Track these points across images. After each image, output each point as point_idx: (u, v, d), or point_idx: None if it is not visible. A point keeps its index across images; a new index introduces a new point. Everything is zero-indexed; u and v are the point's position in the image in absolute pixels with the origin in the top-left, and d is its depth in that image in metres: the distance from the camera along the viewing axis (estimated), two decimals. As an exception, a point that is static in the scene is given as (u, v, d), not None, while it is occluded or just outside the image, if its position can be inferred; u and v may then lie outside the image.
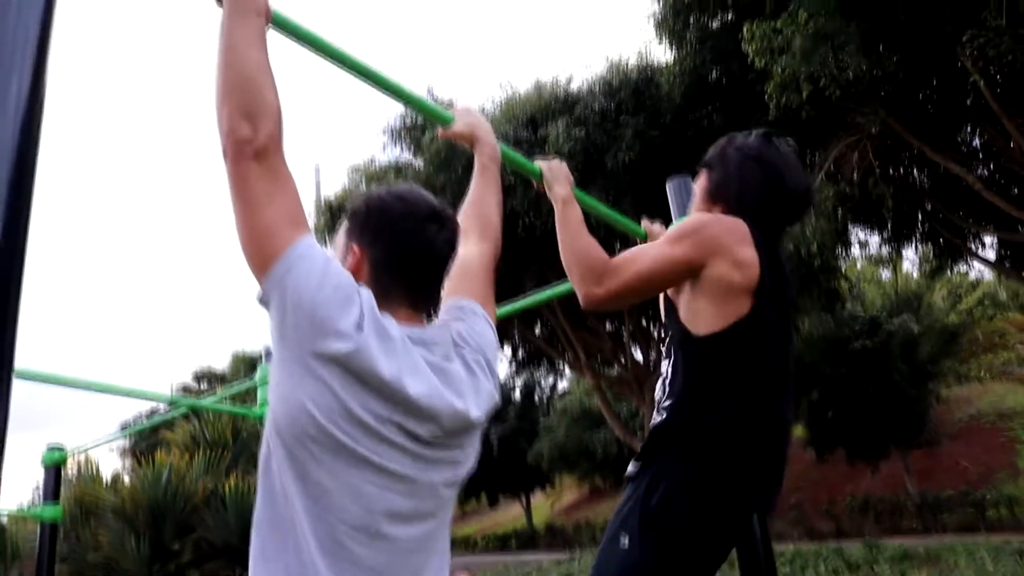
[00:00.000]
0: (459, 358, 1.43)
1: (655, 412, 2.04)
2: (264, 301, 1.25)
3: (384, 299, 1.35)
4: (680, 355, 2.00)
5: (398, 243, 1.41)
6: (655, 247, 1.99)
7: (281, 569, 1.22)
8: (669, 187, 3.11)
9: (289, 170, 1.30)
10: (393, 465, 1.26)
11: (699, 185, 2.19)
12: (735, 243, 1.91)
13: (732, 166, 2.11)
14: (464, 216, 1.82)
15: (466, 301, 1.58)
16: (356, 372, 1.22)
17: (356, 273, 1.38)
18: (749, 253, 1.91)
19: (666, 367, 2.05)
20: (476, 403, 1.41)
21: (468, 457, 1.45)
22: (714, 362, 1.93)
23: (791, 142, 2.19)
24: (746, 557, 2.73)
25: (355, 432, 1.22)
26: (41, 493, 5.13)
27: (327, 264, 1.26)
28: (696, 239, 1.93)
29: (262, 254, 1.23)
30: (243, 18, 1.33)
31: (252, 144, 1.24)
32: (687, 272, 1.94)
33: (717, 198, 2.11)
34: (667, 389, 2.01)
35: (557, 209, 2.18)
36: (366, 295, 1.30)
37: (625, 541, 1.86)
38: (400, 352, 1.29)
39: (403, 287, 1.41)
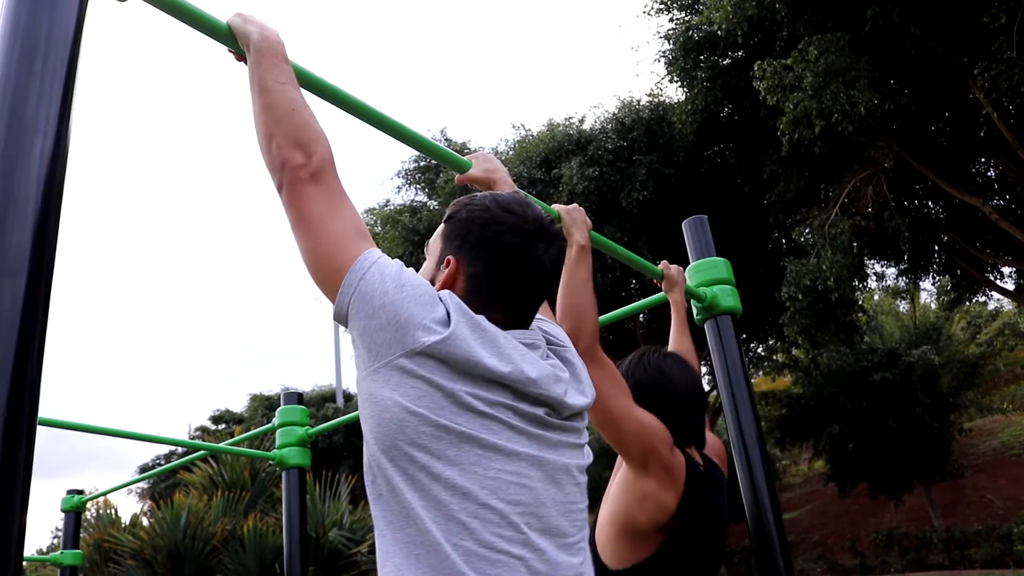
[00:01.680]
0: (554, 355, 1.39)
1: None
2: (342, 314, 1.21)
3: (478, 312, 1.27)
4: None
5: (500, 260, 1.33)
6: (632, 408, 1.98)
7: None
8: (685, 227, 3.11)
9: (345, 191, 1.29)
10: (521, 447, 1.21)
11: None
12: (664, 480, 1.91)
13: (642, 383, 2.15)
14: None
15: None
16: (454, 362, 1.17)
17: (450, 285, 1.32)
18: (669, 497, 1.91)
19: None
20: (580, 390, 1.37)
21: (587, 442, 1.41)
22: None
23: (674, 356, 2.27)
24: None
25: (472, 422, 1.17)
26: (61, 538, 5.15)
27: (401, 269, 1.23)
28: (645, 442, 1.93)
29: (332, 267, 1.22)
30: (273, 64, 1.37)
31: (307, 168, 1.25)
32: (618, 441, 1.95)
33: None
34: None
35: (570, 254, 2.19)
36: (449, 296, 1.25)
37: None
38: (500, 341, 1.24)
39: (501, 306, 1.32)
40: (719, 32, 12.49)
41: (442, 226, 1.42)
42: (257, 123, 1.32)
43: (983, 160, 13.81)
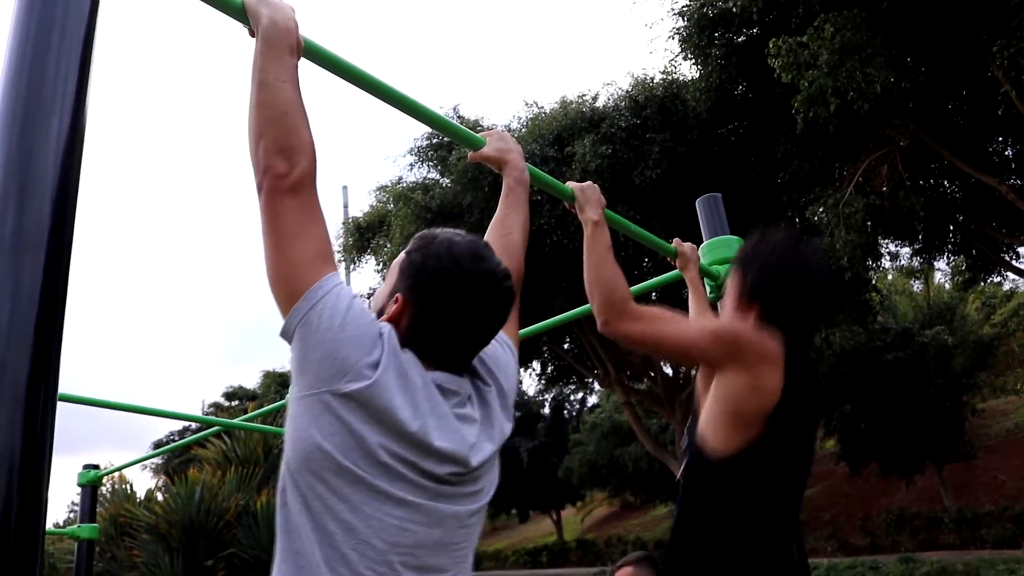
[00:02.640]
0: (475, 392, 1.43)
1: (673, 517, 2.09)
2: (287, 335, 1.26)
3: (417, 353, 1.34)
4: (691, 470, 2.03)
5: (443, 311, 1.36)
6: (691, 328, 2.00)
7: None
8: (699, 205, 3.10)
9: (320, 207, 1.31)
10: (412, 497, 1.26)
11: (732, 284, 2.18)
12: (764, 368, 1.90)
13: (765, 269, 2.09)
14: (489, 237, 1.82)
15: None
16: (373, 410, 1.22)
17: (395, 321, 1.36)
18: (774, 380, 1.89)
19: (683, 460, 2.10)
20: (489, 437, 1.41)
21: (491, 485, 1.44)
22: (721, 489, 1.94)
23: (816, 242, 2.21)
24: None
25: (372, 469, 1.22)
26: (78, 512, 5.21)
27: (351, 303, 1.26)
28: (729, 345, 1.92)
29: (289, 288, 1.25)
30: (276, 57, 1.35)
31: (287, 179, 1.26)
32: (701, 362, 2.00)
33: (751, 300, 2.07)
34: (680, 491, 2.06)
35: (587, 232, 2.19)
36: (388, 337, 1.29)
37: None
38: (420, 396, 1.28)
39: (436, 353, 1.36)
40: (734, 9, 12.36)
41: (402, 257, 1.45)
42: (249, 116, 1.32)
43: (1000, 139, 13.67)
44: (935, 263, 17.46)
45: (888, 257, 16.58)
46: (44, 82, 1.15)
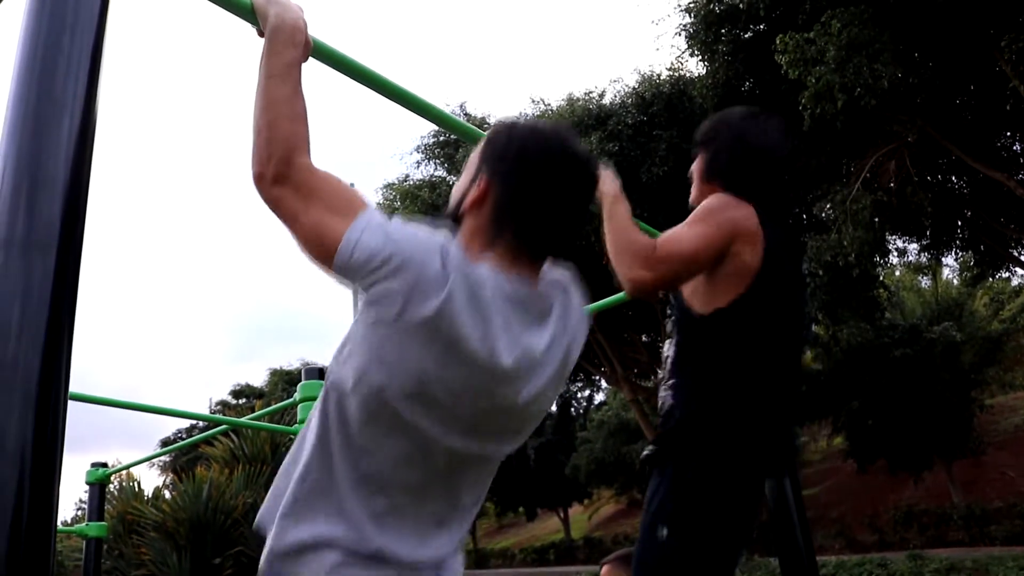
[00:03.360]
0: (550, 332, 1.37)
1: (660, 389, 2.11)
2: (346, 282, 1.26)
3: (497, 239, 1.31)
4: (683, 335, 2.07)
5: (530, 186, 1.33)
6: (691, 229, 2.00)
7: (313, 482, 1.25)
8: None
9: (318, 174, 1.28)
10: (445, 439, 1.26)
11: (695, 165, 2.25)
12: (752, 225, 1.97)
13: (723, 144, 2.17)
14: None
15: (568, 278, 1.48)
16: (440, 337, 1.19)
17: (479, 204, 1.34)
18: (759, 233, 1.97)
19: (669, 347, 2.12)
20: (546, 382, 1.36)
21: (533, 424, 1.42)
22: (716, 341, 1.99)
23: (775, 117, 2.25)
24: (790, 569, 2.72)
25: (416, 403, 1.21)
26: (86, 510, 5.22)
27: (391, 230, 1.23)
28: (724, 220, 1.97)
29: (321, 252, 1.24)
30: (276, 54, 1.35)
31: (268, 174, 1.26)
32: (718, 252, 1.97)
33: (713, 176, 2.17)
34: (671, 369, 2.08)
35: (606, 205, 2.17)
36: (454, 254, 1.25)
37: (664, 532, 1.93)
38: (491, 313, 1.24)
39: (522, 238, 1.32)
40: (740, 5, 12.34)
41: (480, 146, 1.43)
42: (253, 110, 1.32)
43: (1008, 134, 13.61)
44: (943, 259, 17.41)
45: (896, 253, 16.54)
46: (55, 82, 1.15)
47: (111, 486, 11.67)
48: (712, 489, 1.93)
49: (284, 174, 1.26)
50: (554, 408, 33.92)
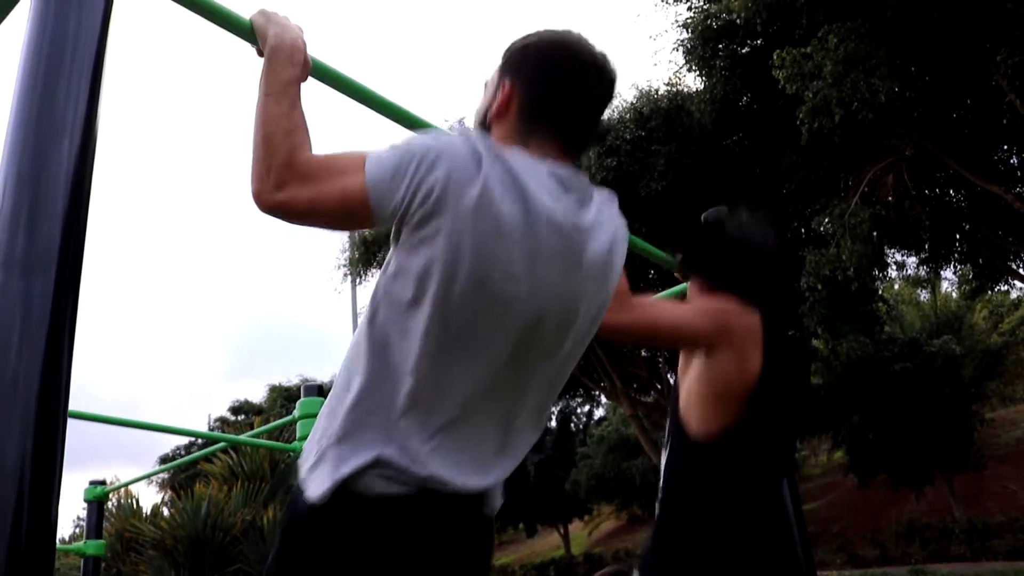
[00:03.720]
0: (594, 209, 1.38)
1: (658, 499, 2.08)
2: (393, 220, 1.24)
3: (529, 137, 1.34)
4: (676, 455, 2.04)
5: (555, 81, 1.37)
6: (680, 309, 2.01)
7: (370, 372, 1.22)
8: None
9: (318, 157, 1.27)
10: (499, 346, 1.24)
11: (693, 286, 2.18)
12: (749, 345, 1.93)
13: (715, 259, 2.14)
14: None
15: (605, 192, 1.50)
16: (482, 218, 1.18)
17: (504, 109, 1.37)
18: (756, 358, 1.92)
19: (664, 453, 2.10)
20: (602, 258, 1.37)
21: (595, 310, 1.41)
22: (706, 470, 1.96)
23: (767, 214, 2.24)
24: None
25: (469, 304, 1.20)
26: (84, 528, 5.21)
27: (407, 141, 1.24)
28: (720, 323, 1.94)
29: (353, 210, 1.23)
30: (280, 74, 1.35)
31: (267, 186, 1.24)
32: (692, 344, 1.99)
33: (715, 292, 2.09)
34: (662, 486, 2.05)
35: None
36: (486, 145, 1.25)
37: None
38: (534, 190, 1.24)
39: (552, 130, 1.36)
40: (738, 21, 12.39)
41: (499, 62, 1.46)
42: (254, 131, 1.31)
43: (1006, 148, 13.65)
44: (942, 272, 17.40)
45: (895, 267, 16.53)
46: (55, 103, 1.16)
47: (109, 503, 11.64)
48: None
49: (285, 177, 1.24)
50: (553, 423, 33.84)
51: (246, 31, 1.47)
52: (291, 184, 1.23)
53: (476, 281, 1.19)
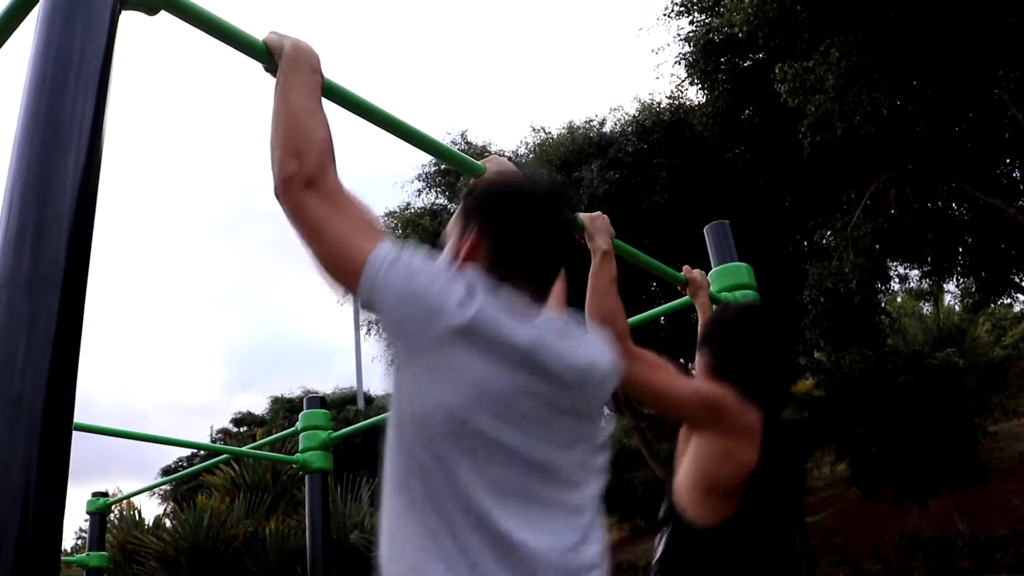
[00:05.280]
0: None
1: None
2: (369, 306, 1.23)
3: (501, 283, 1.31)
4: (673, 542, 2.05)
5: (520, 224, 1.37)
6: (680, 383, 2.00)
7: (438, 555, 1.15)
8: (707, 233, 3.12)
9: (348, 192, 1.30)
10: (537, 452, 1.23)
11: (701, 362, 2.21)
12: (743, 439, 1.94)
13: (733, 344, 2.15)
14: None
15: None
16: (484, 340, 1.18)
17: (473, 255, 1.36)
18: (751, 453, 1.93)
19: (659, 539, 2.11)
20: (602, 353, 1.39)
21: (602, 416, 1.45)
22: (704, 559, 1.96)
23: (773, 312, 2.24)
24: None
25: (493, 417, 1.18)
26: (87, 540, 5.21)
27: (415, 256, 1.23)
28: (713, 410, 1.95)
29: (345, 270, 1.23)
30: (297, 74, 1.39)
31: (300, 175, 1.26)
32: (682, 419, 2.01)
33: (722, 376, 2.10)
34: (660, 557, 2.06)
35: (595, 261, 2.20)
36: (472, 273, 1.28)
37: None
38: (523, 314, 1.26)
39: (524, 272, 1.35)
40: (739, 35, 12.43)
41: (461, 205, 1.47)
42: (271, 128, 1.34)
43: (1007, 161, 13.67)
44: (944, 285, 17.41)
45: (897, 280, 16.54)
46: (60, 122, 1.17)
47: (111, 515, 11.61)
48: None
49: (316, 179, 1.26)
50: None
51: (259, 51, 1.49)
52: (315, 192, 1.25)
53: (488, 411, 1.19)
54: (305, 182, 1.25)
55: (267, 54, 1.49)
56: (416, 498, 1.18)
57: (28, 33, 1.28)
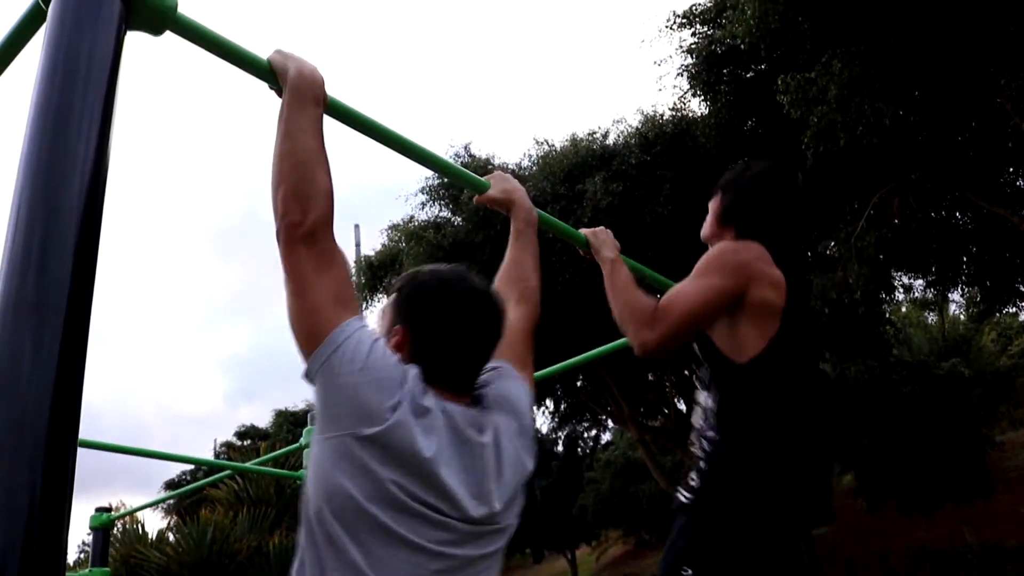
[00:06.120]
0: (492, 430, 1.43)
1: (698, 440, 2.10)
2: (310, 378, 1.28)
3: (426, 378, 1.36)
4: (725, 384, 2.06)
5: (443, 327, 1.41)
6: (694, 283, 2.04)
7: None
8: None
9: (340, 252, 1.34)
10: (432, 544, 1.27)
11: (712, 207, 2.32)
12: (766, 265, 2.01)
13: (743, 190, 2.25)
14: (501, 280, 1.84)
15: (503, 363, 1.58)
16: (394, 452, 1.23)
17: (398, 350, 1.39)
18: (778, 273, 2.01)
19: (705, 398, 2.11)
20: (500, 489, 1.41)
21: (510, 525, 1.45)
22: (758, 386, 2.00)
23: (794, 171, 2.33)
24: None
25: (392, 512, 1.23)
26: (90, 555, 5.19)
27: (372, 346, 1.29)
28: (733, 267, 2.01)
29: (309, 333, 1.28)
30: (301, 108, 1.39)
31: (301, 227, 1.29)
32: (731, 300, 2.00)
33: (728, 220, 2.23)
34: (711, 420, 2.06)
35: (606, 271, 2.22)
36: (412, 375, 1.32)
37: (688, 573, 1.92)
38: (439, 433, 1.30)
39: (445, 371, 1.40)
40: (742, 46, 12.45)
41: (392, 296, 1.51)
42: (273, 163, 1.36)
43: (1011, 170, 13.66)
44: (949, 295, 17.38)
45: (902, 289, 16.51)
46: (66, 142, 1.16)
47: (115, 529, 11.58)
48: (750, 542, 1.93)
49: (316, 234, 1.30)
50: (560, 448, 33.70)
51: (264, 71, 1.50)
52: (312, 248, 1.30)
53: (381, 500, 1.25)
54: (306, 235, 1.29)
55: (271, 74, 1.49)
56: (314, 550, 1.27)
57: (34, 54, 1.28)
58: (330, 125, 1.64)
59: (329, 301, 1.28)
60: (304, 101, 1.41)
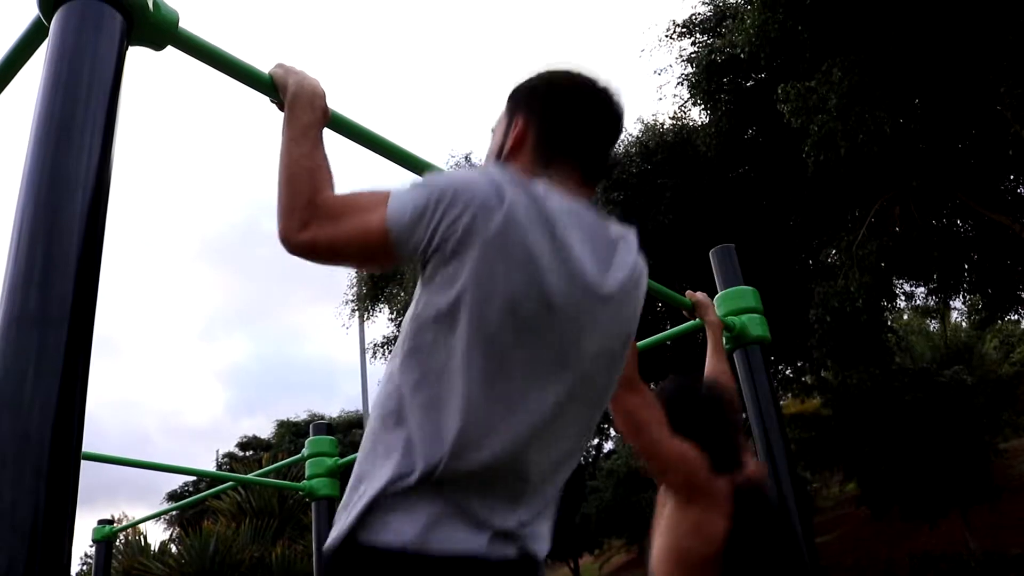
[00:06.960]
0: (618, 243, 1.38)
1: None
2: (417, 258, 1.24)
3: (547, 171, 1.34)
4: None
5: (568, 109, 1.40)
6: (674, 441, 1.94)
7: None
8: (713, 257, 3.11)
9: (341, 196, 1.30)
10: (557, 376, 1.22)
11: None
12: (716, 510, 1.93)
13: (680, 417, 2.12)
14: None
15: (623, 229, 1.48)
16: (510, 247, 1.17)
17: (519, 145, 1.39)
18: (717, 526, 1.92)
19: None
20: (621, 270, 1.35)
21: (633, 321, 1.40)
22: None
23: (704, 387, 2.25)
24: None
25: (508, 325, 1.17)
26: (92, 568, 5.18)
27: (427, 180, 1.25)
28: (694, 476, 1.93)
29: (373, 247, 1.24)
30: (301, 123, 1.39)
31: (293, 226, 1.27)
32: (660, 472, 1.97)
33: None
34: None
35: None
36: (509, 178, 1.25)
37: None
38: (559, 221, 1.24)
39: (570, 162, 1.38)
40: (741, 55, 12.48)
41: (505, 103, 1.49)
42: (278, 174, 1.34)
43: (1012, 178, 13.67)
44: (951, 302, 17.37)
45: (903, 297, 16.50)
46: (68, 158, 1.17)
47: (117, 540, 11.57)
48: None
49: (309, 216, 1.27)
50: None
51: (266, 85, 1.51)
52: (313, 223, 1.25)
53: (509, 310, 1.17)
54: (301, 226, 1.26)
55: (273, 88, 1.50)
56: (411, 363, 1.21)
57: (36, 70, 1.29)
58: (334, 139, 1.64)
59: (361, 219, 1.24)
60: (305, 116, 1.40)
